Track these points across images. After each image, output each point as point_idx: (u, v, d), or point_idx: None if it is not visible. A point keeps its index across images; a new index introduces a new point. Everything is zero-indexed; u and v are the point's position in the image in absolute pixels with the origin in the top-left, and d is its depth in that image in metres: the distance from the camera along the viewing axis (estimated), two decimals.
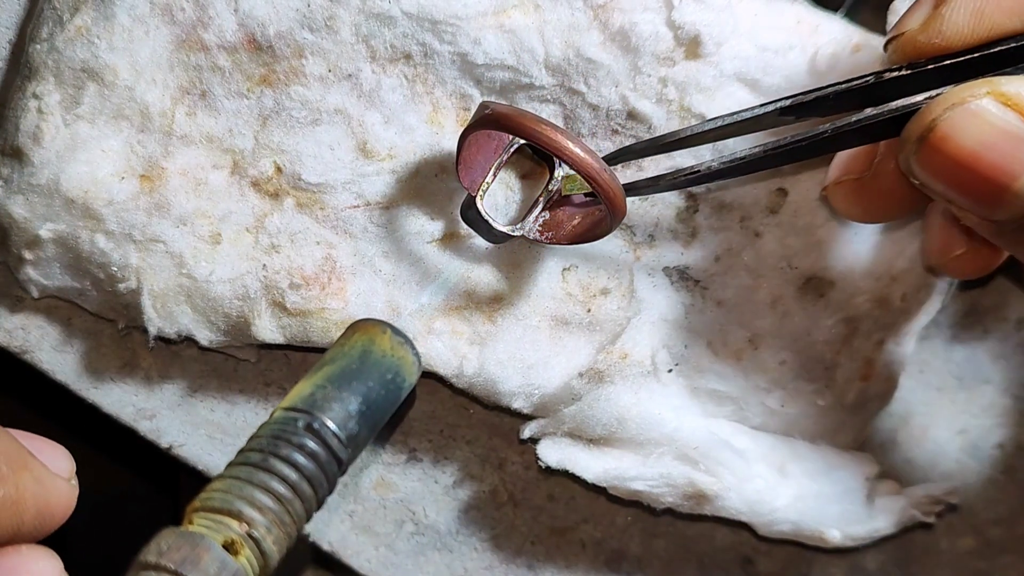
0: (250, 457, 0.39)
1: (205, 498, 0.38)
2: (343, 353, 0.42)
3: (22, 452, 0.34)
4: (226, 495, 0.37)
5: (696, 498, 0.53)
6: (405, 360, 0.43)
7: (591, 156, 0.45)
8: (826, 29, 0.52)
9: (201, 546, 0.35)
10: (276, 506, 0.37)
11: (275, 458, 0.38)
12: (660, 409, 0.53)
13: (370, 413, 0.41)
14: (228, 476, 0.38)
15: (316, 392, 0.40)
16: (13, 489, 0.33)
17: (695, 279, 0.54)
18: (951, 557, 0.59)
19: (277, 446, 0.39)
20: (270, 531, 0.37)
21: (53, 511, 0.36)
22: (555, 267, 0.54)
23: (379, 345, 0.42)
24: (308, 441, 0.39)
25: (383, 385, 0.42)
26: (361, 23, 0.51)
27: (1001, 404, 0.59)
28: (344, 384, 0.41)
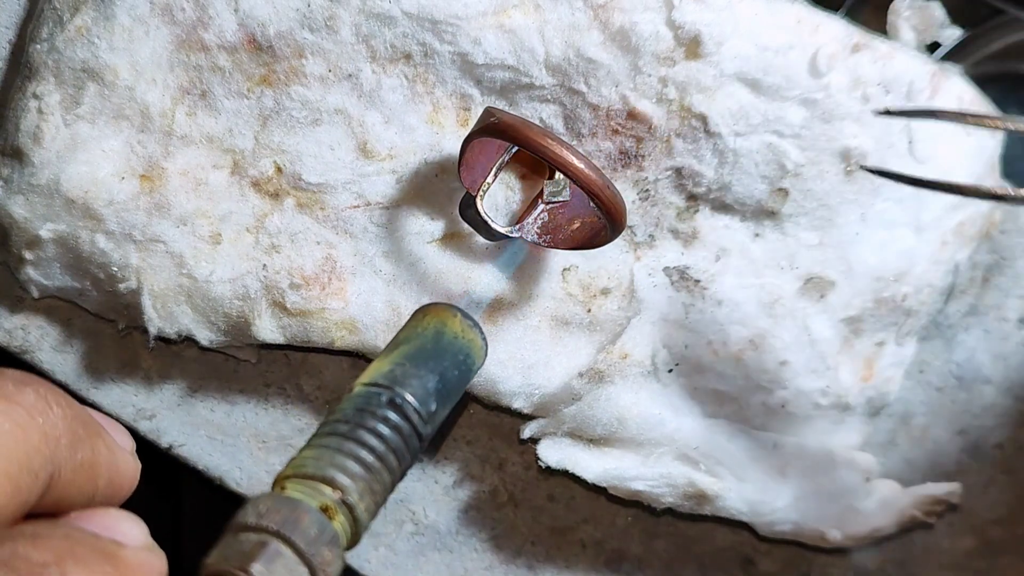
0: (337, 428, 0.39)
1: (297, 465, 0.38)
2: (417, 334, 0.43)
3: (94, 423, 0.35)
4: (319, 462, 0.38)
5: (696, 498, 0.53)
6: (475, 343, 0.44)
7: (595, 172, 0.46)
8: (826, 29, 0.52)
9: (300, 509, 0.35)
10: (367, 475, 0.38)
11: (362, 429, 0.39)
12: (660, 409, 0.53)
13: (445, 392, 0.42)
14: (318, 445, 0.39)
15: (396, 369, 0.41)
16: (90, 452, 0.34)
17: (695, 279, 0.54)
18: (951, 557, 0.59)
19: (363, 418, 0.39)
20: (362, 498, 0.38)
21: (122, 481, 0.36)
22: (555, 267, 0.54)
23: (451, 327, 0.43)
24: (392, 414, 0.40)
25: (456, 366, 0.43)
26: (361, 23, 0.51)
27: (1001, 404, 0.59)
28: (421, 363, 0.42)
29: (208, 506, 0.73)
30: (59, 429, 0.32)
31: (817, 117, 0.52)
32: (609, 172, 0.53)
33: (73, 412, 0.33)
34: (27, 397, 0.32)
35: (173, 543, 0.78)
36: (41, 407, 0.32)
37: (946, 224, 0.54)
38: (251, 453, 0.58)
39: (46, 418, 0.32)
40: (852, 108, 0.52)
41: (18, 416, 0.31)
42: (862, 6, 0.59)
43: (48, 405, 0.32)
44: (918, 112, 0.48)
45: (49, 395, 0.33)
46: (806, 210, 0.54)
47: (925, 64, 0.54)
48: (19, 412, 0.31)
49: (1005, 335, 0.59)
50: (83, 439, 0.33)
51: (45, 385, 0.33)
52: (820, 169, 0.53)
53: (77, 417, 0.33)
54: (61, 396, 0.33)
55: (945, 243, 0.55)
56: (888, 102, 0.52)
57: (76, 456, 0.33)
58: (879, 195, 0.53)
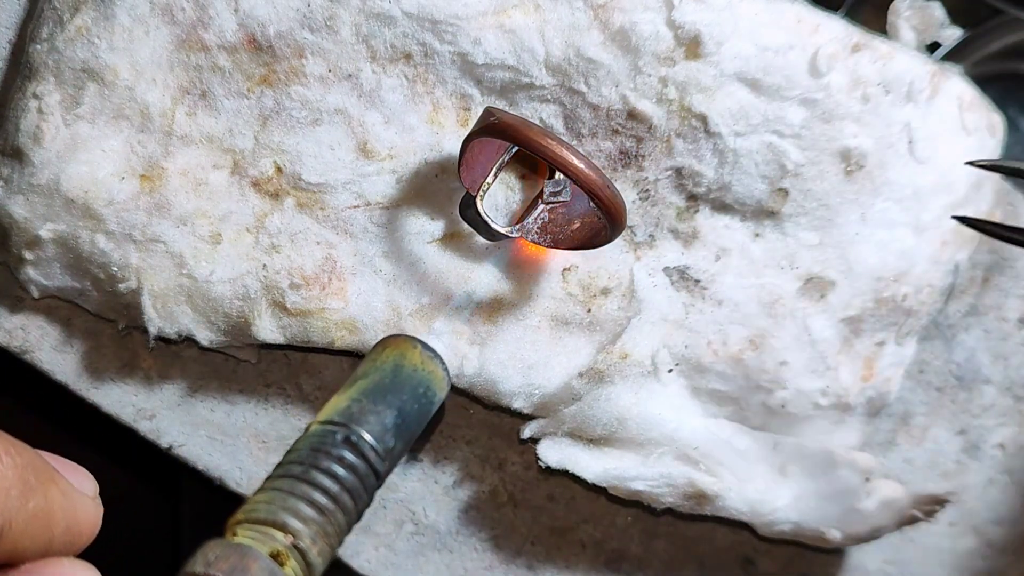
0: (291, 469, 0.39)
1: (248, 510, 0.38)
2: (376, 368, 0.43)
3: (47, 468, 0.34)
4: (270, 506, 0.37)
5: (696, 498, 0.53)
6: (435, 375, 0.43)
7: (595, 172, 0.46)
8: (826, 29, 0.52)
9: (249, 556, 0.35)
10: (320, 517, 0.38)
11: (316, 470, 0.38)
12: (660, 409, 0.53)
13: (404, 427, 0.41)
14: (270, 488, 0.38)
15: (352, 405, 0.41)
16: (43, 500, 0.33)
17: (695, 279, 0.54)
18: (951, 557, 0.59)
19: (317, 458, 0.39)
20: (315, 542, 0.37)
21: (82, 528, 0.35)
22: (555, 267, 0.54)
23: (410, 360, 0.43)
24: (347, 454, 0.39)
25: (415, 399, 0.42)
26: (361, 23, 0.51)
27: (1001, 404, 0.59)
28: (379, 398, 0.41)
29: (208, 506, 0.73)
30: (8, 480, 0.31)
31: (817, 117, 0.52)
32: (609, 172, 0.53)
33: (24, 460, 0.32)
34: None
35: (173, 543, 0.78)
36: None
37: (946, 224, 0.54)
38: (251, 453, 0.58)
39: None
40: (852, 108, 0.52)
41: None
42: (862, 6, 0.59)
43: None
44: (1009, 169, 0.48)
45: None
46: (806, 210, 0.54)
47: (925, 64, 0.54)
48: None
49: (1005, 335, 0.59)
50: (35, 488, 0.33)
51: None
52: (820, 169, 0.53)
53: (29, 465, 0.33)
54: (11, 444, 0.32)
55: (945, 243, 0.55)
56: (888, 102, 0.52)
57: (28, 505, 0.32)
58: (879, 195, 0.53)
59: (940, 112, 0.53)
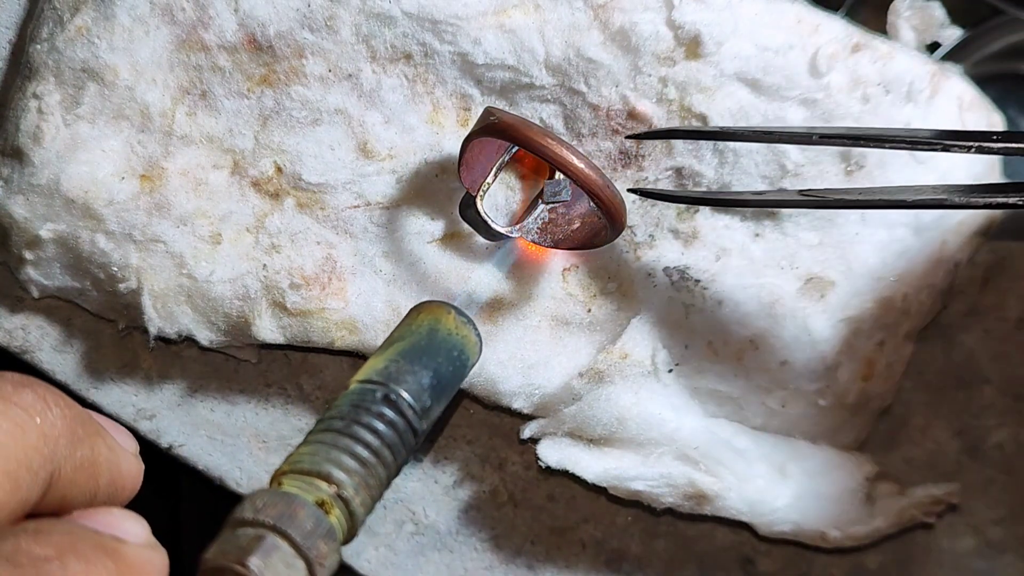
0: (333, 424, 0.40)
1: (294, 461, 0.39)
2: (411, 331, 0.44)
3: (94, 423, 0.35)
4: (314, 457, 0.38)
5: (696, 498, 0.53)
6: (468, 339, 0.45)
7: (595, 172, 0.46)
8: (826, 29, 0.52)
9: (296, 503, 0.36)
10: (362, 469, 0.39)
11: (357, 425, 0.40)
12: (660, 409, 0.53)
13: (440, 388, 0.43)
14: (314, 441, 0.39)
15: (390, 366, 0.42)
16: (89, 451, 0.34)
17: (695, 279, 0.54)
18: (951, 557, 0.59)
19: (358, 414, 0.40)
20: (358, 493, 0.38)
21: (124, 481, 0.36)
22: (555, 267, 0.54)
23: (445, 324, 0.44)
24: (387, 410, 0.40)
25: (450, 362, 0.43)
26: (361, 23, 0.51)
27: (1001, 404, 0.59)
28: (416, 359, 0.42)
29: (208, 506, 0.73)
30: (58, 428, 0.32)
31: (817, 117, 0.52)
32: (609, 172, 0.53)
33: (72, 412, 0.33)
34: (25, 397, 0.32)
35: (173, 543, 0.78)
36: (39, 407, 0.32)
37: (946, 224, 0.54)
38: (251, 453, 0.58)
39: (44, 418, 0.32)
40: (852, 108, 0.52)
41: (16, 416, 0.31)
42: (862, 6, 0.59)
43: (47, 405, 0.32)
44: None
45: (48, 395, 0.33)
46: (806, 210, 0.54)
47: (925, 64, 0.54)
48: (17, 412, 0.31)
49: (1005, 335, 0.59)
50: (83, 438, 0.34)
51: (43, 386, 0.33)
52: (820, 169, 0.53)
53: (76, 417, 0.34)
54: (60, 397, 0.33)
55: (945, 243, 0.55)
56: (888, 102, 0.52)
57: (76, 455, 0.33)
58: None
59: (940, 112, 0.53)
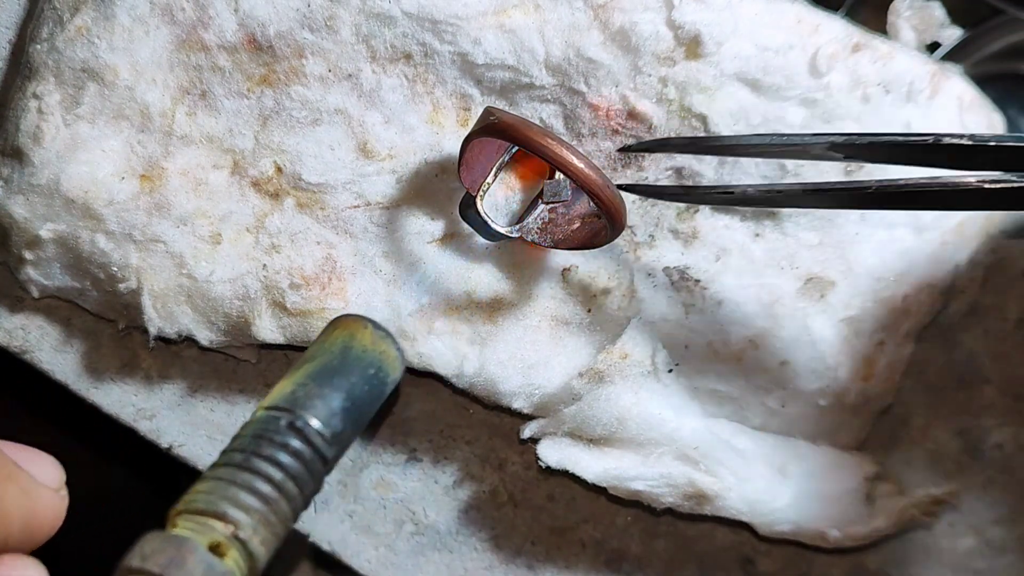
0: (233, 458, 0.38)
1: (188, 500, 0.37)
2: (324, 350, 0.41)
3: (6, 463, 0.34)
4: (209, 496, 0.36)
5: (696, 498, 0.53)
6: (387, 355, 0.42)
7: (595, 172, 0.46)
8: (826, 29, 0.52)
9: (186, 548, 0.34)
10: (261, 506, 0.37)
11: (258, 458, 0.37)
12: (660, 409, 0.53)
13: (354, 409, 0.40)
14: (211, 478, 0.37)
15: (298, 390, 0.39)
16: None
17: (695, 279, 0.54)
18: (951, 557, 0.59)
19: (260, 445, 0.38)
20: (256, 532, 0.36)
21: (41, 523, 0.35)
22: (555, 267, 0.54)
23: (360, 340, 0.42)
24: (291, 440, 0.38)
25: (366, 380, 0.41)
26: (361, 23, 0.51)
27: (1001, 404, 0.59)
28: (326, 381, 0.40)
29: None
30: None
31: (817, 117, 0.52)
32: (609, 172, 0.53)
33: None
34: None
35: None
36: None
37: (946, 224, 0.54)
38: None
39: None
40: (852, 108, 0.52)
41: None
42: (862, 6, 0.59)
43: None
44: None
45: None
46: (806, 210, 0.54)
47: (925, 64, 0.54)
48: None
49: (1005, 335, 0.59)
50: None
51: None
52: (820, 169, 0.53)
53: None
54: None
55: (945, 243, 0.55)
56: (888, 102, 0.53)
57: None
58: None
59: (940, 112, 0.54)
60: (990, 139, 0.42)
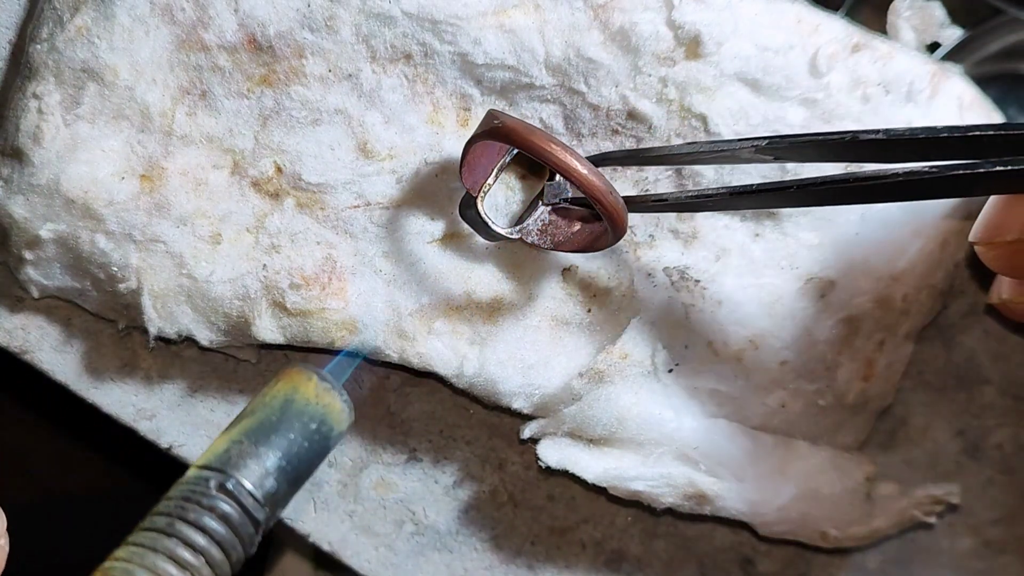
0: (156, 522, 0.36)
1: (107, 568, 0.35)
2: (263, 404, 0.40)
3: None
4: (127, 565, 0.35)
5: (696, 498, 0.53)
6: (332, 407, 0.40)
7: (598, 177, 0.46)
8: (827, 29, 0.52)
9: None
10: (181, 575, 0.35)
11: (182, 522, 0.36)
12: (660, 409, 0.53)
13: (291, 468, 0.39)
14: (132, 543, 0.36)
15: (231, 448, 0.38)
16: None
17: (695, 279, 0.54)
18: (951, 557, 0.59)
19: (185, 509, 0.36)
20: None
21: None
22: (555, 267, 0.54)
23: (303, 393, 0.40)
24: (220, 502, 0.37)
25: (306, 436, 0.39)
26: (361, 23, 0.51)
27: (1001, 404, 0.59)
28: (262, 438, 0.39)
29: None
30: None
31: (817, 117, 0.52)
32: (609, 173, 0.53)
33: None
34: None
35: None
36: None
37: (946, 224, 0.54)
38: None
39: None
40: (852, 108, 0.52)
41: None
42: (862, 6, 0.59)
43: None
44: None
45: None
46: (806, 210, 0.54)
47: (925, 64, 0.54)
48: None
49: (1005, 335, 0.59)
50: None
51: None
52: (819, 168, 0.53)
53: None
54: None
55: (945, 243, 0.55)
56: (888, 102, 0.53)
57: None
58: None
59: (940, 112, 0.53)
60: (904, 132, 0.42)
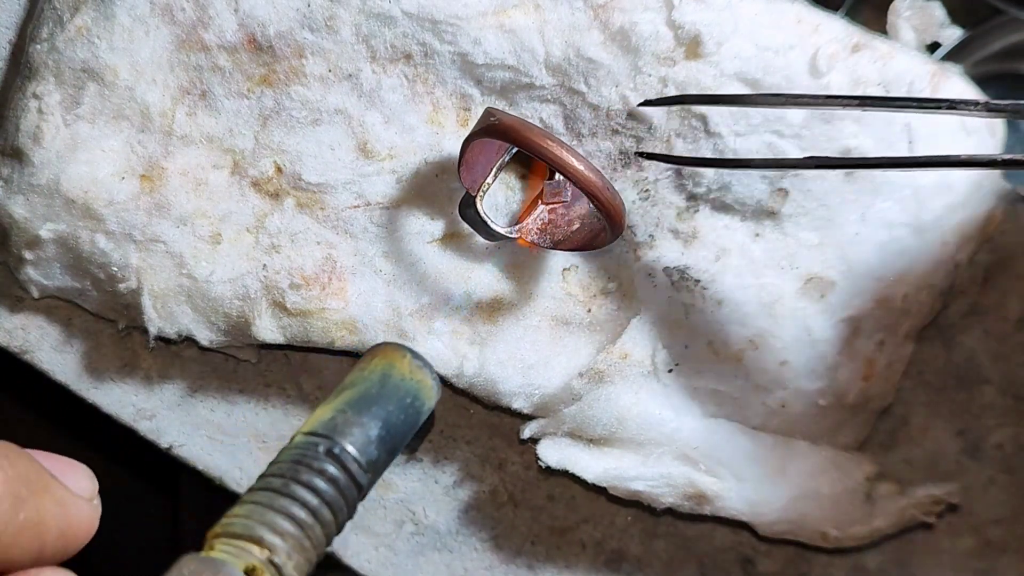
0: (271, 483, 0.38)
1: (226, 524, 0.37)
2: (363, 378, 0.42)
3: (42, 475, 0.34)
4: (247, 521, 0.37)
5: (696, 498, 0.53)
6: (424, 384, 0.43)
7: (595, 174, 0.46)
8: (826, 29, 0.52)
9: (223, 572, 0.35)
10: (297, 532, 0.37)
11: (296, 483, 0.38)
12: (660, 409, 0.53)
13: (389, 438, 0.41)
14: (249, 502, 0.38)
15: (336, 417, 0.40)
16: (34, 512, 0.33)
17: (695, 279, 0.54)
18: (951, 557, 0.59)
19: (298, 471, 0.39)
20: (291, 557, 0.37)
21: (75, 532, 0.35)
22: (555, 267, 0.54)
23: (399, 369, 0.42)
24: (328, 466, 0.39)
25: (402, 410, 0.42)
26: (361, 23, 0.51)
27: (1001, 404, 0.59)
28: (364, 409, 0.41)
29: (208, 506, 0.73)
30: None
31: (817, 117, 0.52)
32: (609, 172, 0.53)
33: (16, 471, 0.33)
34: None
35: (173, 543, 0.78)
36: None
37: (946, 224, 0.54)
38: (251, 453, 0.58)
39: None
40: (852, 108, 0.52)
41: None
42: (862, 6, 0.59)
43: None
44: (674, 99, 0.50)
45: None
46: (806, 210, 0.54)
47: (925, 64, 0.54)
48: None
49: (1005, 335, 0.59)
50: (26, 499, 0.33)
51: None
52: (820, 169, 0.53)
53: (20, 476, 0.33)
54: (4, 455, 0.32)
55: (945, 243, 0.55)
56: None
57: (19, 517, 0.32)
58: (879, 195, 0.53)
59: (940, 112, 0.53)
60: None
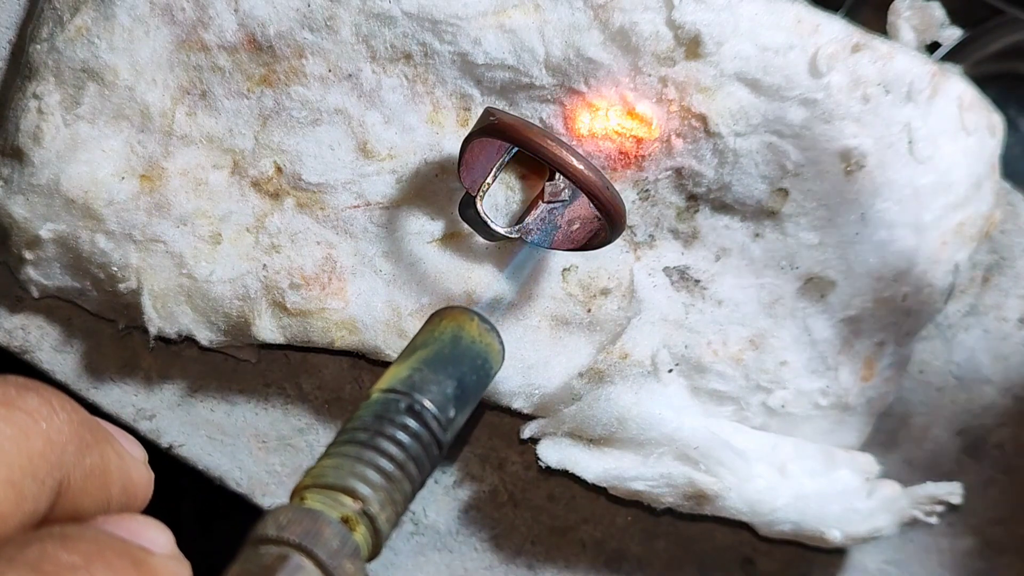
0: (356, 436, 0.38)
1: (317, 475, 0.37)
2: (434, 339, 0.42)
3: (100, 427, 0.33)
4: (338, 471, 0.37)
5: (696, 498, 0.53)
6: (492, 347, 0.43)
7: (595, 174, 0.46)
8: (826, 29, 0.52)
9: (321, 521, 0.35)
10: (387, 484, 0.37)
11: (382, 437, 0.38)
12: (660, 409, 0.53)
13: (464, 398, 0.41)
14: (337, 454, 0.38)
15: (414, 374, 0.40)
16: (99, 458, 0.32)
17: (695, 279, 0.54)
18: (951, 557, 0.59)
19: (382, 425, 0.38)
20: (383, 509, 0.37)
21: (136, 491, 0.35)
22: (555, 267, 0.54)
23: (468, 331, 0.42)
24: (411, 422, 0.38)
25: (474, 371, 0.42)
26: (361, 23, 0.51)
27: (1001, 404, 0.59)
28: (440, 368, 0.41)
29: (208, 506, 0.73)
30: (65, 434, 0.31)
31: (817, 117, 0.52)
32: (609, 172, 0.53)
33: (79, 417, 0.32)
34: (29, 401, 0.31)
35: None
36: (45, 412, 0.31)
37: (946, 224, 0.54)
38: (251, 453, 0.58)
39: (50, 423, 0.30)
40: (852, 108, 0.52)
41: (20, 421, 0.30)
42: (862, 6, 0.59)
43: (53, 409, 0.31)
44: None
45: (54, 399, 0.31)
46: (806, 210, 0.54)
47: (925, 64, 0.54)
48: (21, 417, 0.30)
49: (1005, 335, 0.59)
50: (91, 445, 0.32)
51: (49, 390, 0.32)
52: (820, 169, 0.53)
53: (84, 422, 0.32)
54: (66, 401, 0.32)
55: (945, 243, 0.55)
56: (888, 102, 0.52)
57: (85, 462, 0.32)
58: (879, 195, 0.53)
59: (940, 112, 0.53)
60: None
